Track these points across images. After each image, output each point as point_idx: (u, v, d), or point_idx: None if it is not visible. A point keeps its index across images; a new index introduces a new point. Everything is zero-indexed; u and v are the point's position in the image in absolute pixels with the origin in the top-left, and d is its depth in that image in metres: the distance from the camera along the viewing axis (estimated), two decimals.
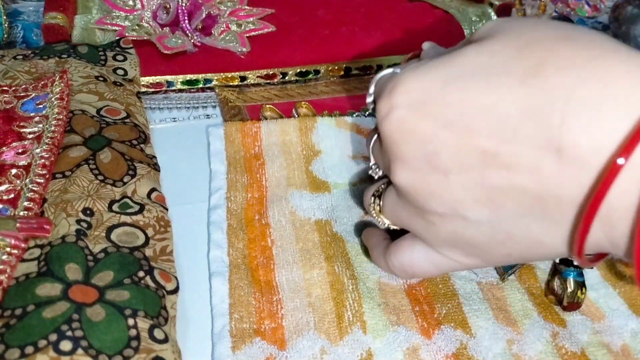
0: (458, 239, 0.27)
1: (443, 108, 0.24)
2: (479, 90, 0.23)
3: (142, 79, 0.48)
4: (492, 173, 0.24)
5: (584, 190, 0.22)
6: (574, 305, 0.32)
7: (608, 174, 0.20)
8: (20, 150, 0.37)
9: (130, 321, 0.27)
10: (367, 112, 0.47)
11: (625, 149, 0.20)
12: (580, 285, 0.32)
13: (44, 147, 0.36)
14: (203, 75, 0.50)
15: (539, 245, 0.25)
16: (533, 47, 0.23)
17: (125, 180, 0.36)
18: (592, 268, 0.27)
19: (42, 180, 0.34)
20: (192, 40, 0.50)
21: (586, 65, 0.21)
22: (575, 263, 0.32)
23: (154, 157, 0.39)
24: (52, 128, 0.38)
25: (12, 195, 0.34)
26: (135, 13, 0.52)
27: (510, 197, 0.24)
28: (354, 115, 0.47)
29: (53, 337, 0.25)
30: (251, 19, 0.54)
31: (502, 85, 0.23)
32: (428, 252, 0.29)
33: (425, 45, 0.32)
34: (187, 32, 0.51)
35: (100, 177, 0.35)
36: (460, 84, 0.24)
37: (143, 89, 0.48)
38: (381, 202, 0.31)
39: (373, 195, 0.32)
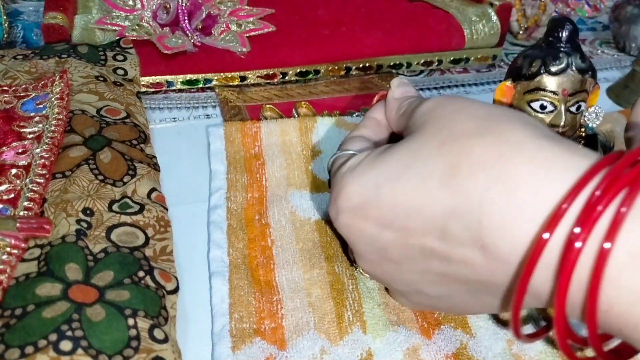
0: (426, 303, 0.30)
1: (380, 211, 0.27)
2: (406, 192, 0.25)
3: (142, 79, 0.48)
4: (435, 263, 0.26)
5: (512, 279, 0.24)
6: None
7: (521, 280, 0.22)
8: (20, 150, 0.37)
9: (130, 321, 0.27)
10: None
11: (530, 263, 0.22)
12: None
13: (44, 147, 0.36)
14: (203, 75, 0.50)
15: (494, 307, 0.27)
16: (450, 145, 0.25)
17: (125, 180, 0.36)
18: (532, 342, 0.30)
19: (42, 180, 0.34)
20: (192, 40, 0.50)
21: (494, 166, 0.23)
22: None
23: (154, 157, 0.39)
24: (52, 128, 0.38)
25: (12, 195, 0.34)
26: (135, 13, 0.52)
27: (456, 280, 0.26)
28: (354, 115, 0.47)
29: (53, 337, 0.25)
30: (251, 19, 0.54)
31: (426, 187, 0.25)
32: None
33: (395, 82, 0.33)
34: (187, 32, 0.51)
35: (100, 177, 0.35)
36: (390, 186, 0.26)
37: (143, 89, 0.48)
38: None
39: (349, 257, 0.35)
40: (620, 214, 0.20)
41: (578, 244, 0.21)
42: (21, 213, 0.32)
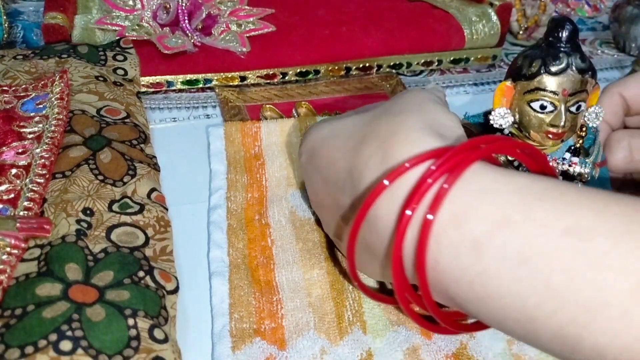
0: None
1: (319, 159, 0.32)
2: (333, 149, 0.30)
3: (142, 79, 0.48)
4: (339, 214, 0.30)
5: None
6: None
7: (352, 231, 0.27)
8: (20, 150, 0.37)
9: (130, 321, 0.27)
10: None
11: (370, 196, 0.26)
12: None
13: (44, 147, 0.36)
14: (203, 75, 0.50)
15: (376, 271, 0.30)
16: (373, 121, 0.29)
17: (125, 180, 0.36)
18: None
19: (42, 180, 0.34)
20: (192, 40, 0.50)
21: (385, 139, 0.27)
22: None
23: (154, 157, 0.39)
24: (52, 128, 0.38)
25: (12, 195, 0.34)
26: (135, 13, 0.52)
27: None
28: None
29: (53, 337, 0.25)
30: (251, 19, 0.54)
31: (344, 147, 0.30)
32: None
33: (430, 85, 0.37)
34: (187, 32, 0.51)
35: (100, 177, 0.35)
36: (328, 142, 0.31)
37: (143, 89, 0.48)
38: None
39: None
40: (444, 189, 0.24)
41: (408, 212, 0.25)
42: (21, 213, 0.32)
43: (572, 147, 0.34)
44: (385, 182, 0.25)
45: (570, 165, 0.33)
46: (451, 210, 0.24)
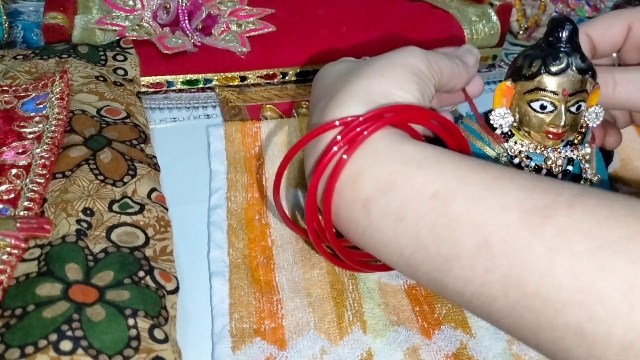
0: None
1: (312, 96, 0.36)
2: (316, 90, 0.35)
3: (142, 79, 0.48)
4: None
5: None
6: None
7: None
8: (20, 150, 0.37)
9: (131, 321, 0.27)
10: None
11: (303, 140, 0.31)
12: None
13: (44, 147, 0.36)
14: (203, 75, 0.50)
15: None
16: (340, 77, 0.33)
17: (125, 180, 0.36)
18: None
19: (42, 180, 0.34)
20: (192, 40, 0.50)
21: (330, 98, 0.31)
22: None
23: (154, 157, 0.39)
24: (52, 128, 0.38)
25: (12, 195, 0.34)
26: (135, 13, 0.52)
27: None
28: None
29: (53, 337, 0.25)
30: (251, 19, 0.54)
31: (318, 93, 0.34)
32: None
33: (465, 46, 0.39)
34: (187, 32, 0.51)
35: (101, 177, 0.35)
36: (317, 83, 0.35)
37: (143, 89, 0.48)
38: None
39: None
40: (363, 136, 0.28)
41: (335, 148, 0.28)
42: (21, 213, 0.32)
43: (571, 141, 0.34)
44: (336, 122, 0.29)
45: (572, 151, 0.33)
46: (350, 171, 0.28)
